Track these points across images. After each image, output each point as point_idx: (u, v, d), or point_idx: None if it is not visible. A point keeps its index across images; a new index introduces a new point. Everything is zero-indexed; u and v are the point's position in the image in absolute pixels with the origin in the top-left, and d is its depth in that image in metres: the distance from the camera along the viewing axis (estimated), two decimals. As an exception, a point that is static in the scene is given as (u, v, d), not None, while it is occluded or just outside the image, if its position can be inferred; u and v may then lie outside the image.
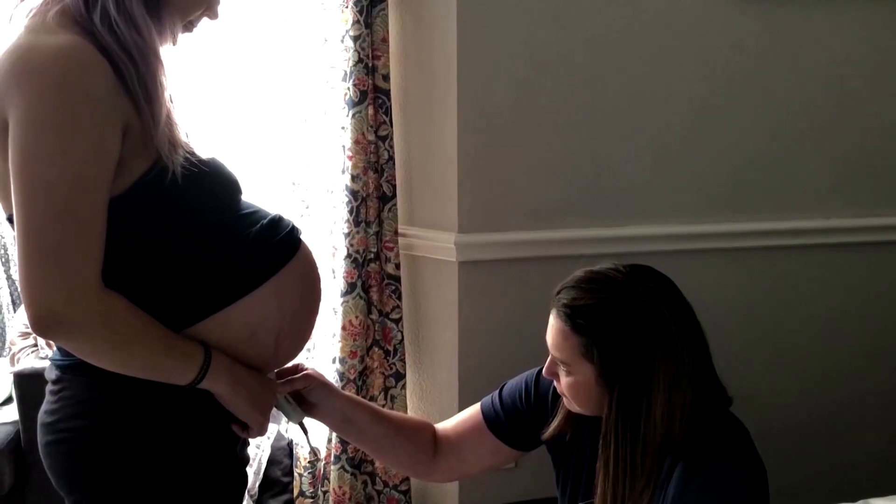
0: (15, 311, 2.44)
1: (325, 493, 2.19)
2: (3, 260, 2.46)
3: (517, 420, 1.48)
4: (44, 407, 1.14)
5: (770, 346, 2.24)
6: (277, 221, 1.19)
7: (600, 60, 1.98)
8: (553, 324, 1.31)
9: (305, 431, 1.42)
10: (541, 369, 1.44)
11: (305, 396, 1.38)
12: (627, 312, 1.25)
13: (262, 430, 1.21)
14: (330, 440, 2.15)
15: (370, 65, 1.96)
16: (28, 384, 1.90)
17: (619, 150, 2.03)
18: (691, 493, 1.21)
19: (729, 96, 2.09)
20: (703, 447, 1.25)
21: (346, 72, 1.96)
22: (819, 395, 2.30)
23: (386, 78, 1.99)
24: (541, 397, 1.46)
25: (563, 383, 1.33)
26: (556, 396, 1.41)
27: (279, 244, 1.17)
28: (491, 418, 1.50)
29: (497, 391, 1.53)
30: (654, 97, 2.03)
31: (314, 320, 1.27)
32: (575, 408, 1.35)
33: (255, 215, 1.18)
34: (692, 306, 1.31)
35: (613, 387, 1.26)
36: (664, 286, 1.29)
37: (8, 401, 2.14)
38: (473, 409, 1.53)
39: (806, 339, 2.26)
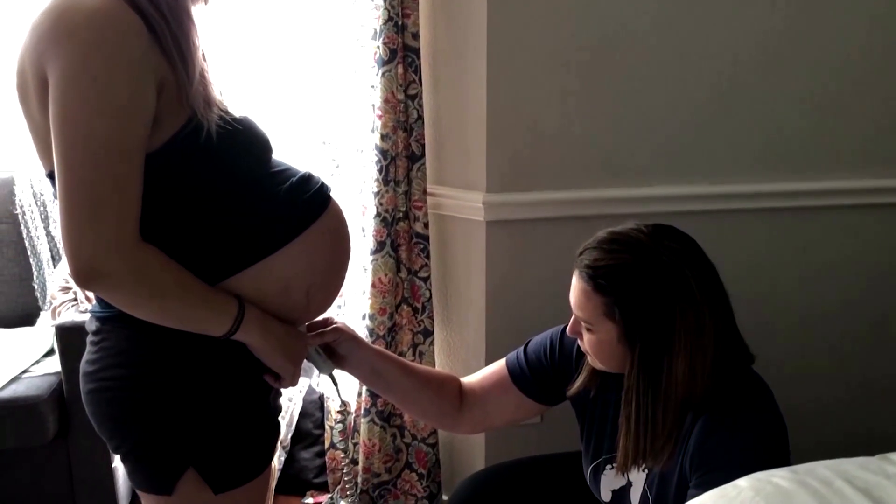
0: (55, 267, 2.50)
1: (354, 445, 2.24)
2: (43, 217, 2.52)
3: (541, 375, 1.51)
4: (85, 357, 1.18)
5: (799, 307, 2.23)
6: (307, 179, 1.21)
7: (631, 23, 1.95)
8: (576, 284, 1.33)
9: (335, 383, 1.45)
10: (565, 327, 1.47)
11: (335, 349, 1.42)
12: (649, 272, 1.26)
13: (293, 381, 1.25)
14: (360, 394, 2.19)
15: (400, 23, 1.96)
16: (69, 336, 1.96)
17: (646, 110, 2.01)
18: (712, 446, 1.24)
19: (760, 57, 2.06)
20: (724, 403, 1.27)
21: (375, 30, 1.96)
22: (845, 358, 2.30)
23: (416, 36, 1.99)
24: (565, 354, 1.49)
25: (586, 341, 1.35)
26: (580, 353, 1.43)
27: (309, 201, 1.19)
28: (516, 373, 1.53)
29: (522, 347, 1.55)
30: (683, 57, 2.00)
31: (344, 275, 1.30)
32: (598, 365, 1.37)
33: (285, 173, 1.20)
34: (714, 265, 1.32)
35: (635, 345, 1.28)
36: (686, 245, 1.30)
37: (50, 353, 2.21)
38: (499, 365, 1.57)
39: (838, 300, 2.25)
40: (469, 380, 1.58)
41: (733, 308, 1.34)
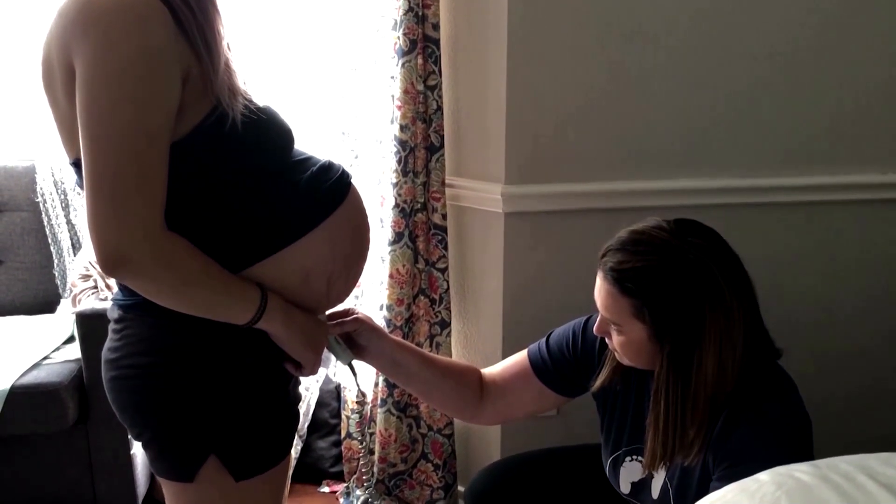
0: (75, 255, 2.52)
1: (371, 434, 2.25)
2: (64, 205, 2.54)
3: (564, 367, 1.51)
4: (107, 344, 1.19)
5: (823, 303, 2.21)
6: (328, 167, 1.21)
7: (652, 15, 1.95)
8: (601, 286, 1.31)
9: (354, 372, 1.45)
10: (588, 318, 1.46)
11: (355, 339, 1.42)
12: (676, 272, 1.25)
13: (314, 369, 1.25)
14: (377, 384, 2.20)
15: (420, 13, 1.96)
16: (89, 324, 1.97)
17: (670, 102, 2.00)
18: (736, 439, 1.24)
19: (790, 51, 2.04)
20: (749, 397, 1.26)
21: (396, 20, 1.96)
22: (869, 355, 2.28)
23: (436, 27, 1.99)
24: (588, 346, 1.49)
25: (615, 341, 1.34)
26: (604, 345, 1.43)
27: (330, 189, 1.19)
28: (538, 365, 1.53)
29: (544, 339, 1.55)
30: (709, 50, 1.99)
31: (364, 263, 1.30)
32: (627, 362, 1.37)
33: (307, 162, 1.20)
34: (740, 258, 1.31)
35: (665, 344, 1.27)
36: (711, 240, 1.29)
37: (70, 340, 2.23)
38: (520, 356, 1.56)
39: (863, 296, 2.24)
40: (490, 370, 1.58)
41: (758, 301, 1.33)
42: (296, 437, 2.27)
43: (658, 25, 1.95)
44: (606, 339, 1.38)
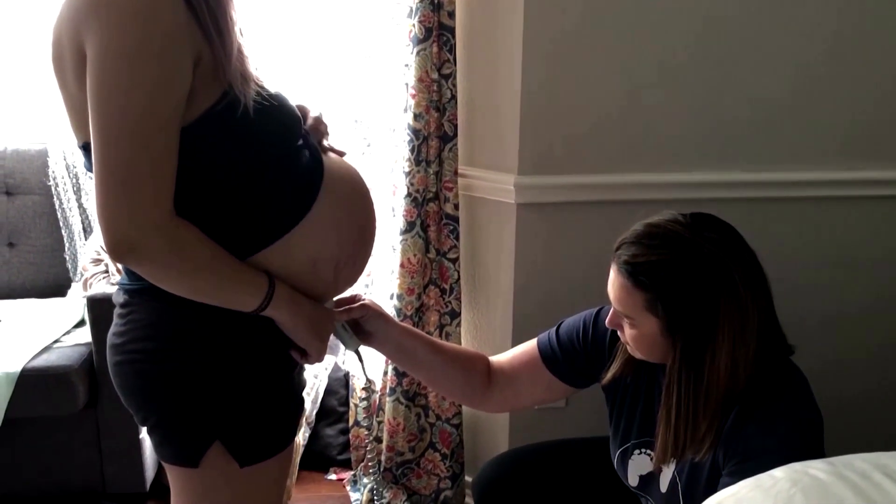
0: (86, 239, 2.52)
1: (379, 423, 2.25)
2: (75, 188, 2.54)
3: (573, 358, 1.50)
4: (112, 329, 1.18)
5: (835, 299, 2.19)
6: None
7: (670, 9, 1.92)
8: (615, 279, 1.30)
9: (361, 359, 1.45)
10: (599, 309, 1.45)
11: (362, 325, 1.41)
12: (690, 266, 1.23)
13: (319, 357, 1.24)
14: (385, 373, 2.19)
15: (436, 1, 1.94)
16: (100, 308, 1.97)
17: (685, 96, 1.98)
18: (747, 435, 1.23)
19: (807, 48, 2.01)
20: (761, 392, 1.25)
21: (411, 8, 1.94)
22: (881, 353, 2.26)
23: (451, 15, 1.97)
24: (598, 338, 1.47)
25: (627, 335, 1.33)
26: (615, 337, 1.42)
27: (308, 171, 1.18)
28: (547, 354, 1.52)
29: (554, 328, 1.54)
30: (724, 45, 1.97)
31: (370, 249, 1.29)
32: (639, 356, 1.36)
33: (302, 147, 1.19)
34: (755, 254, 1.30)
35: (678, 338, 1.26)
36: (727, 235, 1.28)
37: (81, 323, 2.23)
38: (529, 345, 1.55)
39: (875, 294, 2.21)
40: (498, 359, 1.57)
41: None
42: (304, 424, 2.28)
43: (676, 19, 1.93)
44: (619, 332, 1.37)
